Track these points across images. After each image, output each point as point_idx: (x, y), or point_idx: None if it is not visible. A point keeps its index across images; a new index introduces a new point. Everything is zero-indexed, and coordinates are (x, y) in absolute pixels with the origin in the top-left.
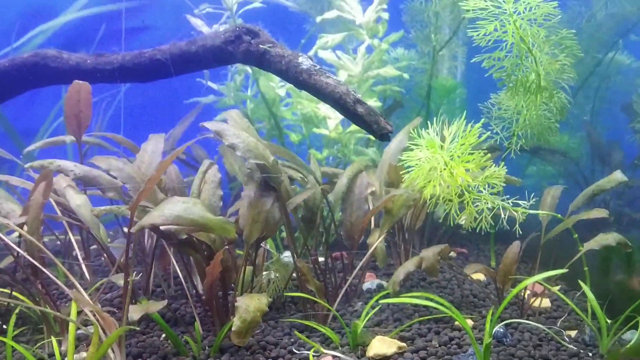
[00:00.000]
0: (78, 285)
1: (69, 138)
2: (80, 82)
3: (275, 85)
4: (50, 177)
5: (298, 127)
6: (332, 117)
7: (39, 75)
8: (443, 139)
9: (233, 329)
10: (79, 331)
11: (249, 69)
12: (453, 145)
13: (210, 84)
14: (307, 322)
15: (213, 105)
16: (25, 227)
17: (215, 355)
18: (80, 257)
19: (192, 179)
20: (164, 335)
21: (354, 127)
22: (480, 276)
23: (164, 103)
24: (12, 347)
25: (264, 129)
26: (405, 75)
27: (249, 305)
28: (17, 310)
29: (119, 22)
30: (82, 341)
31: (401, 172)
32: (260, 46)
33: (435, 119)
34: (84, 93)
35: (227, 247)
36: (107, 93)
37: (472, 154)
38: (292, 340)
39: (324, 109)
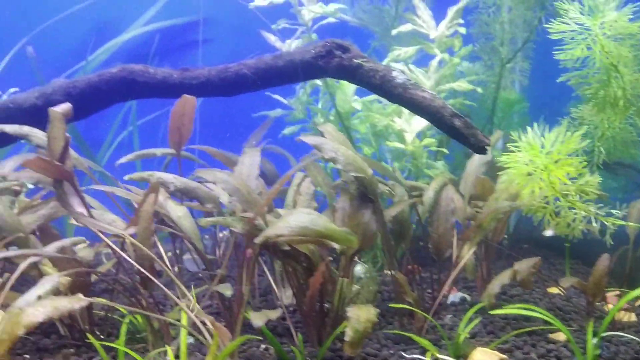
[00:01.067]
0: (189, 295)
1: (159, 151)
2: (187, 96)
3: (350, 99)
4: (158, 189)
5: (367, 140)
6: (409, 131)
7: (127, 90)
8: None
9: (346, 339)
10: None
11: (319, 82)
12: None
13: (278, 97)
14: (406, 334)
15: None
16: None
17: None
18: (171, 268)
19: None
20: (263, 347)
21: (426, 140)
22: (555, 290)
23: (233, 116)
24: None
25: None
26: (479, 89)
27: (360, 315)
28: (126, 320)
29: (178, 37)
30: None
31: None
32: (354, 60)
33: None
34: (189, 107)
35: (329, 258)
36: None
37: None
38: (390, 352)
39: (400, 122)
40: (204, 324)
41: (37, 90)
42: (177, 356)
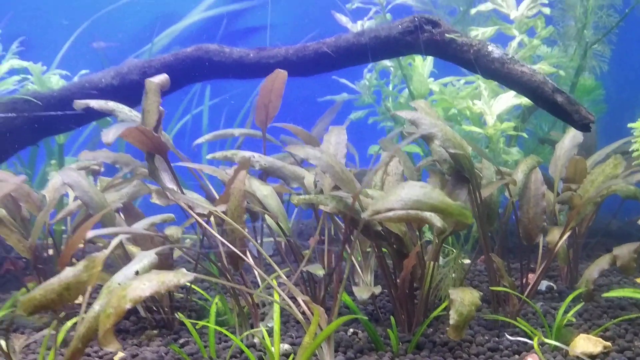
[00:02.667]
0: (282, 275)
1: (237, 131)
2: (280, 70)
3: (426, 81)
4: (247, 166)
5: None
6: (489, 114)
7: (202, 69)
8: None
9: (451, 322)
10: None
11: (388, 63)
12: None
13: (344, 81)
14: (505, 319)
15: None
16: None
17: (414, 351)
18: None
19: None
20: (351, 331)
21: (504, 124)
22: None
23: (299, 100)
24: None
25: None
26: (562, 72)
27: (464, 298)
28: (216, 300)
29: (238, 21)
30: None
31: None
32: (446, 35)
33: None
34: (278, 83)
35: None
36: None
37: None
38: (485, 337)
39: (480, 105)
40: (296, 304)
41: (113, 70)
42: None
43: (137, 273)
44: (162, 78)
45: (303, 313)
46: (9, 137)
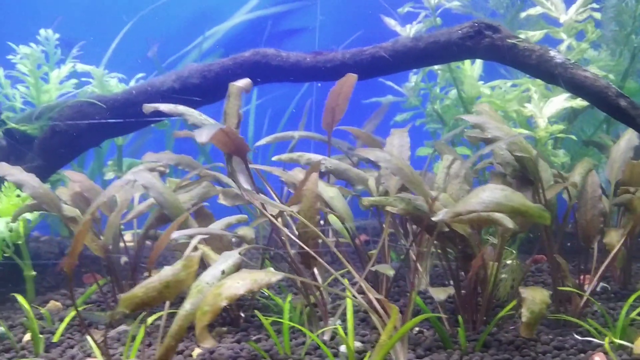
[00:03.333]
0: (355, 273)
1: (297, 133)
2: (352, 75)
3: (477, 84)
4: (318, 169)
5: None
6: (540, 117)
7: (260, 73)
8: None
9: (523, 320)
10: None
11: (436, 66)
12: None
13: (390, 84)
14: (570, 318)
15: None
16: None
17: (482, 349)
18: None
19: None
20: (417, 329)
21: (554, 127)
22: None
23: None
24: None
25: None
26: (611, 76)
27: (535, 297)
28: (289, 297)
29: (283, 22)
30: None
31: None
32: (508, 40)
33: None
34: (347, 86)
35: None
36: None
37: None
38: (550, 337)
39: (530, 108)
40: (369, 303)
41: (174, 73)
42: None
43: (223, 272)
44: (245, 82)
45: (375, 311)
46: (75, 139)
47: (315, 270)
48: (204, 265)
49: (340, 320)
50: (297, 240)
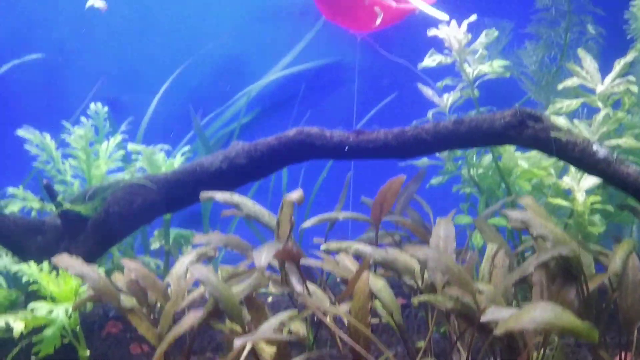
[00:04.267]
0: None
1: (342, 215)
2: (401, 176)
3: (515, 156)
4: (369, 265)
5: (522, 195)
6: (577, 190)
7: (304, 152)
8: None
9: None
10: None
11: None
12: None
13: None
14: None
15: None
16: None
17: None
18: None
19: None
20: None
21: (592, 198)
22: None
23: (379, 164)
24: None
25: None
26: None
27: None
28: None
29: (317, 79)
30: None
31: None
32: (551, 133)
33: None
34: (395, 185)
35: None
36: None
37: None
38: None
39: (568, 181)
40: None
41: (221, 154)
42: None
43: None
44: (297, 195)
45: None
46: (128, 219)
47: None
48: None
49: None
50: (348, 339)
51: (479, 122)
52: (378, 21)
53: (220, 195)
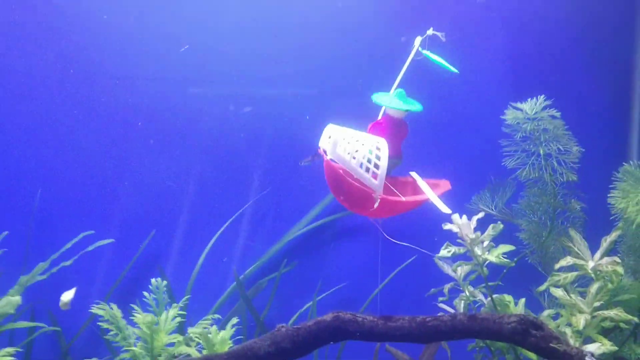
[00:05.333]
0: None
1: None
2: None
3: None
4: None
5: None
6: None
7: (339, 336)
8: None
9: None
10: None
11: None
12: None
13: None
14: None
15: None
16: None
17: None
18: None
19: None
20: None
21: None
22: None
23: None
24: None
25: None
26: (635, 319)
27: None
28: None
29: (343, 226)
30: None
31: None
32: (550, 344)
33: None
34: None
35: None
36: None
37: None
38: None
39: None
40: None
41: (268, 338)
42: None
43: None
44: None
45: None
46: None
47: None
48: None
49: None
50: None
51: (489, 323)
52: (375, 206)
53: None
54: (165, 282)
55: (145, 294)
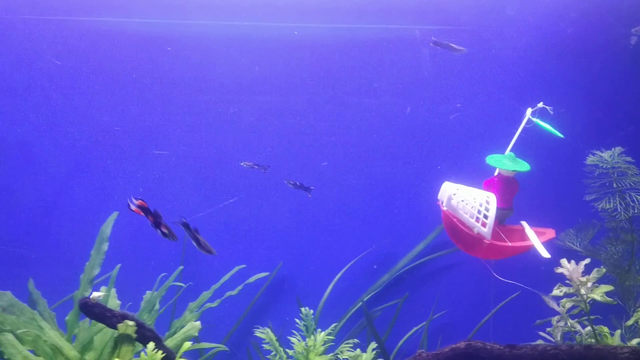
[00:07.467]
0: None
1: None
2: None
3: None
4: None
5: None
6: None
7: None
8: None
9: None
10: None
11: None
12: None
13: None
14: None
15: None
16: None
17: None
18: None
19: None
20: None
21: None
22: None
23: None
24: None
25: None
26: None
27: None
28: None
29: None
30: None
31: None
32: None
33: None
34: None
35: None
36: None
37: None
38: None
39: None
40: None
41: None
42: None
43: None
44: None
45: None
46: None
47: None
48: None
49: None
50: None
51: (604, 352)
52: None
53: None
54: (312, 311)
55: (297, 320)
